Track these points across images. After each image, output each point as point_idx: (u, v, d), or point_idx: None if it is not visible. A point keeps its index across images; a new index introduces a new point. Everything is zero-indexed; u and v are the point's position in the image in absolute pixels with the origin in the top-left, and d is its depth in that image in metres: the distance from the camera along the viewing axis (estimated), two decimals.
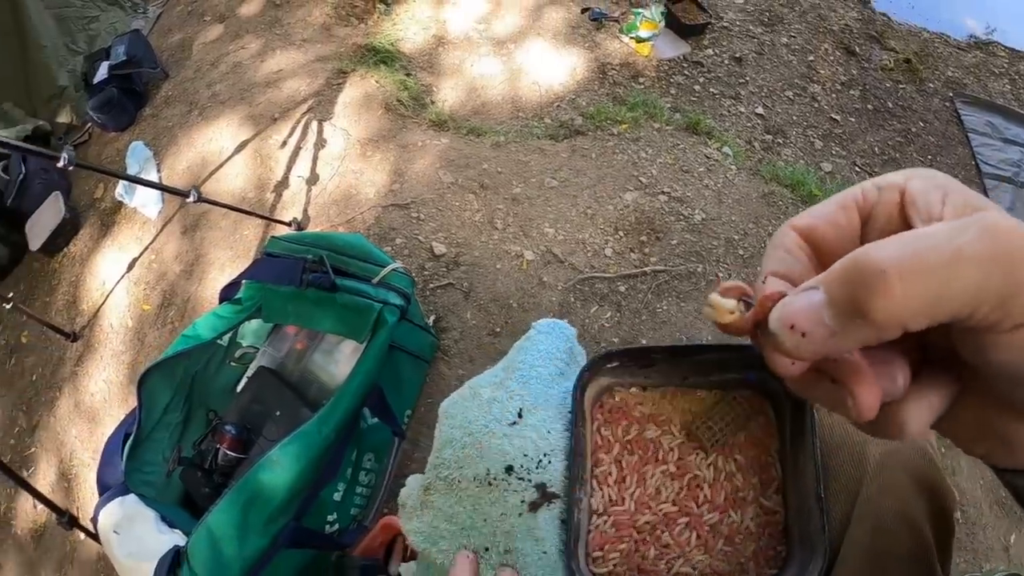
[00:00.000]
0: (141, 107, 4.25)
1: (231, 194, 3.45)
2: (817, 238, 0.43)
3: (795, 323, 0.35)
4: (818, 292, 0.35)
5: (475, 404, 1.20)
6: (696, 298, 2.96)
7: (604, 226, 3.12)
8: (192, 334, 2.24)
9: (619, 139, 3.54)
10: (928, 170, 0.40)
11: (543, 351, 1.25)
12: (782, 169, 3.62)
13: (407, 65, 4.10)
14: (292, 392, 2.30)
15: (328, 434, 1.95)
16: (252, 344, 2.52)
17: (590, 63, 4.17)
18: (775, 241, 0.44)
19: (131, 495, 1.95)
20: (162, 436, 2.28)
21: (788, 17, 4.70)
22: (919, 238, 0.32)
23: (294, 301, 2.22)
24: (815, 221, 0.43)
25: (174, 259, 3.38)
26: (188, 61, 4.40)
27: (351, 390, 2.05)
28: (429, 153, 3.40)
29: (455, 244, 3.00)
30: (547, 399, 1.16)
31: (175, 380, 2.34)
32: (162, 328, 3.22)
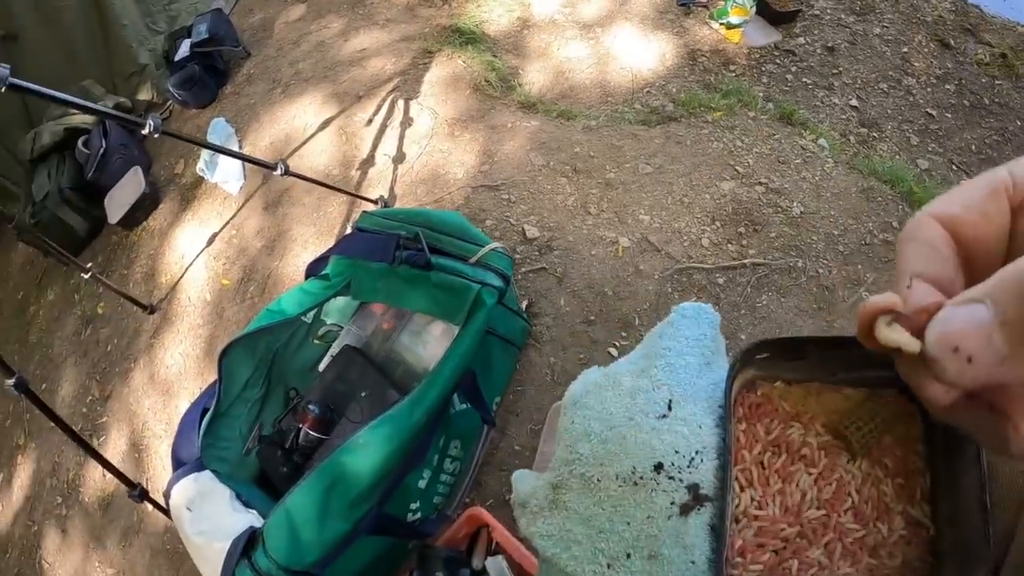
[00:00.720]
0: (222, 85, 4.19)
1: (315, 171, 3.33)
2: (963, 232, 0.37)
3: (960, 345, 0.30)
4: (984, 308, 0.30)
5: (615, 394, 1.07)
6: (796, 294, 2.78)
7: (701, 215, 2.93)
8: (277, 309, 2.13)
9: (714, 127, 3.35)
10: None
11: (689, 337, 1.12)
12: (880, 164, 3.40)
13: (492, 47, 3.94)
14: (378, 373, 2.17)
15: (419, 418, 1.82)
16: (336, 322, 2.40)
17: (679, 49, 3.97)
18: (913, 233, 0.38)
19: (206, 471, 1.84)
20: (240, 412, 2.17)
21: (880, 7, 4.45)
22: None
23: (385, 278, 2.09)
24: (961, 212, 0.37)
25: (255, 234, 3.29)
26: (270, 40, 4.32)
27: (445, 374, 1.91)
28: (519, 135, 3.24)
29: (548, 228, 2.85)
30: (695, 390, 1.04)
31: (256, 355, 2.22)
32: (241, 303, 3.13)
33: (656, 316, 2.60)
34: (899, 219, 3.08)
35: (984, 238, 0.36)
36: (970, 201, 0.36)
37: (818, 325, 2.69)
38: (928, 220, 0.37)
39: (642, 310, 2.63)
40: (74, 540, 3.04)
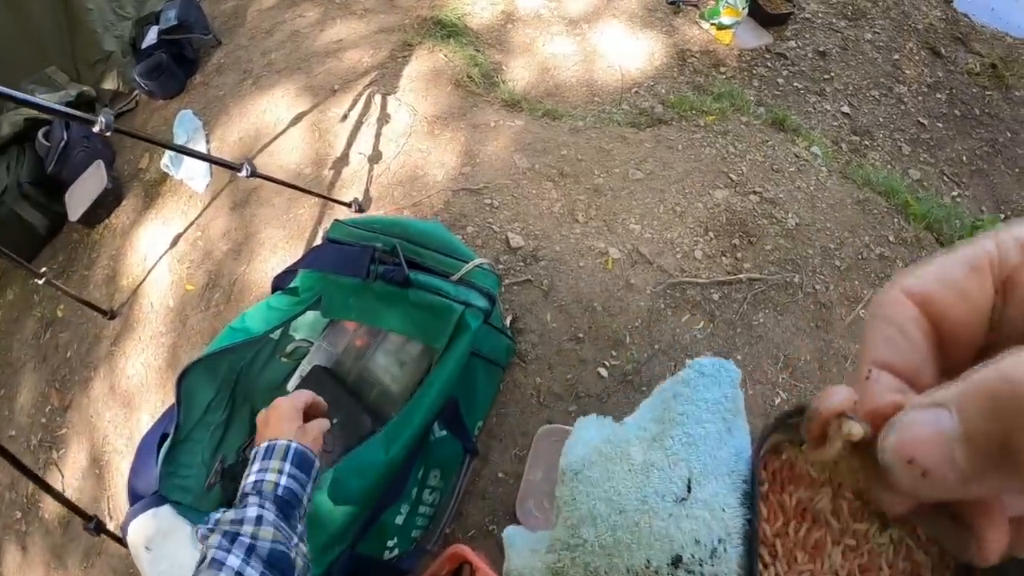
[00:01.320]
0: (191, 75, 3.94)
1: (286, 169, 3.10)
2: (938, 312, 0.33)
3: (916, 457, 0.27)
4: (948, 416, 0.26)
5: (625, 469, 0.93)
6: (794, 311, 2.60)
7: (694, 225, 2.75)
8: (240, 327, 1.93)
9: (706, 131, 3.17)
10: None
11: (708, 400, 0.97)
12: (874, 174, 3.25)
13: (475, 41, 3.73)
14: (351, 397, 1.95)
15: (396, 454, 1.62)
16: (306, 338, 2.19)
17: (668, 49, 3.79)
18: (883, 311, 0.34)
19: (165, 506, 1.63)
20: (202, 436, 1.94)
21: (871, 12, 4.31)
22: None
23: (358, 295, 1.88)
24: (936, 288, 0.33)
25: (221, 237, 3.05)
26: (242, 28, 4.07)
27: (424, 405, 1.73)
28: (503, 135, 3.04)
29: (533, 236, 2.64)
30: (717, 464, 0.89)
31: (218, 376, 2.00)
32: (205, 311, 2.89)
33: (648, 334, 2.42)
34: (895, 232, 2.95)
35: (962, 320, 0.33)
36: (948, 277, 0.33)
37: (816, 345, 2.54)
38: (900, 297, 0.33)
39: (634, 327, 2.43)
40: (35, 558, 2.83)
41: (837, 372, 2.50)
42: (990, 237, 0.32)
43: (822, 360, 2.51)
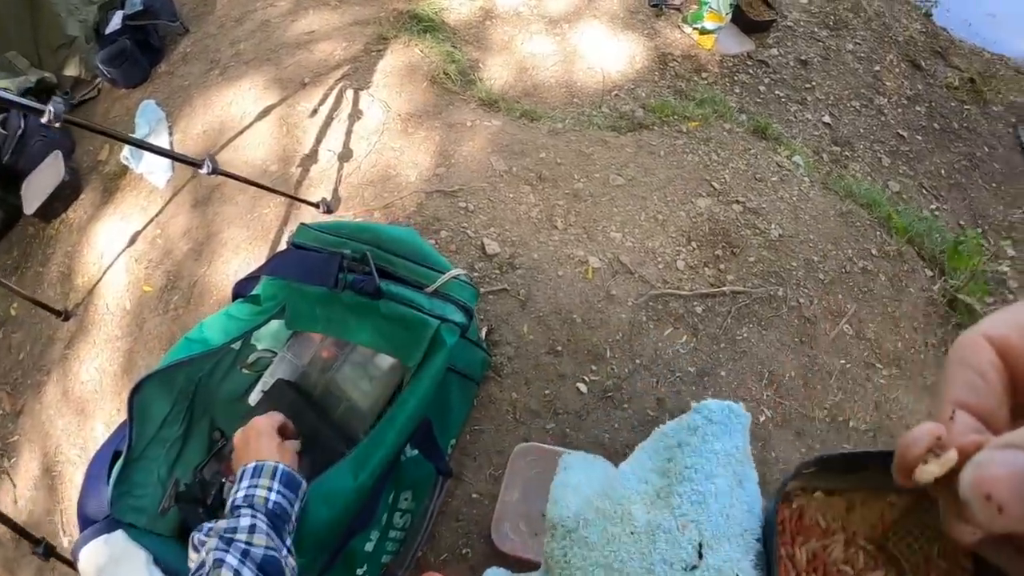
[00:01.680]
0: (156, 63, 3.77)
1: (251, 166, 2.94)
2: (1015, 357, 0.34)
3: (992, 493, 0.28)
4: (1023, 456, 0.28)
5: (626, 531, 0.83)
6: (778, 326, 2.51)
7: (676, 235, 2.64)
8: (198, 337, 1.77)
9: (689, 138, 3.07)
10: None
11: (719, 452, 0.90)
12: (856, 186, 3.19)
13: (452, 37, 3.60)
14: (316, 414, 1.79)
15: (365, 481, 1.49)
16: (269, 348, 2.02)
17: (649, 52, 3.70)
18: (963, 354, 0.35)
19: (118, 531, 1.48)
20: (157, 454, 1.78)
21: (853, 23, 4.27)
22: None
23: (325, 306, 1.73)
24: (1014, 334, 0.35)
25: (181, 236, 2.88)
26: (211, 16, 3.91)
27: (396, 428, 1.60)
28: (479, 135, 2.91)
29: (510, 243, 2.51)
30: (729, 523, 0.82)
31: (174, 389, 1.83)
32: (163, 314, 2.73)
33: (629, 348, 2.31)
34: (878, 246, 2.88)
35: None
36: None
37: (801, 360, 2.45)
38: (979, 342, 0.35)
39: (614, 341, 2.31)
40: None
41: (822, 389, 2.42)
42: None
43: (807, 376, 2.43)
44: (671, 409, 2.22)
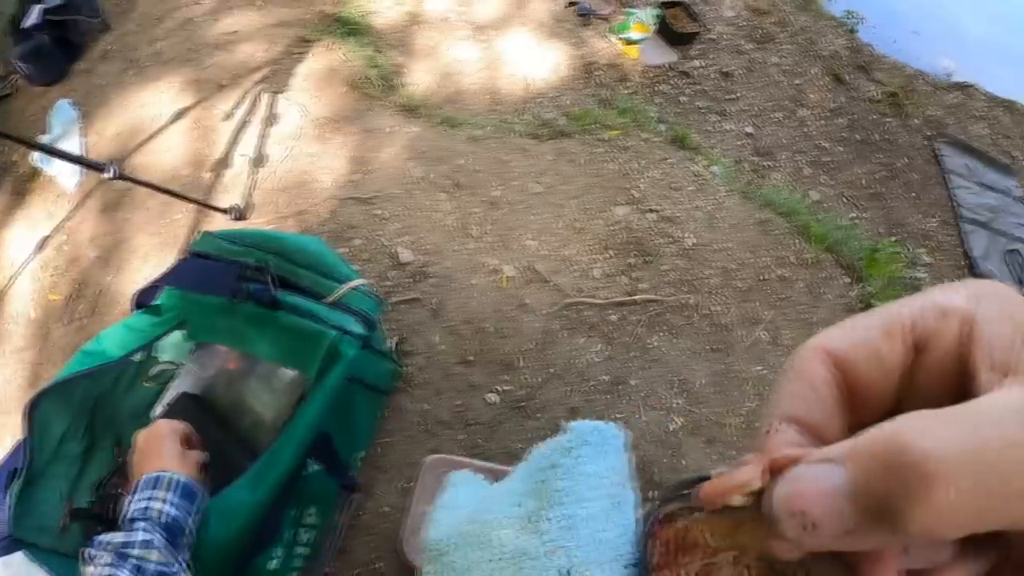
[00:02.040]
0: (75, 60, 3.64)
1: (163, 169, 2.88)
2: (852, 368, 0.33)
3: (803, 510, 0.28)
4: (839, 471, 0.27)
5: (491, 556, 0.81)
6: (690, 334, 2.55)
7: (592, 243, 2.67)
8: (96, 350, 1.72)
9: (608, 146, 3.11)
10: (995, 289, 0.31)
11: (592, 475, 0.87)
12: (775, 195, 3.27)
13: (376, 41, 3.59)
14: (219, 428, 1.75)
15: (263, 497, 1.46)
16: (172, 359, 1.95)
17: (575, 60, 3.75)
18: (798, 366, 0.34)
19: (18, 553, 1.44)
20: (59, 471, 1.71)
21: (779, 37, 4.39)
22: (981, 425, 0.25)
23: (226, 316, 1.69)
24: (853, 348, 0.33)
25: (89, 242, 2.80)
26: (133, 13, 3.80)
27: (293, 443, 1.57)
28: (397, 141, 2.90)
29: (423, 251, 2.51)
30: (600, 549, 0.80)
31: (73, 403, 1.77)
32: (68, 324, 2.65)
33: (542, 357, 2.33)
34: (795, 254, 2.95)
35: (873, 381, 0.33)
36: (863, 339, 0.33)
37: (713, 368, 2.50)
38: (814, 354, 0.34)
39: (527, 350, 2.33)
40: None
41: (738, 395, 2.46)
42: (911, 301, 0.33)
43: (720, 383, 2.47)
44: (584, 417, 2.22)
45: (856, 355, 0.33)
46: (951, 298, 0.32)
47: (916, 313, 0.32)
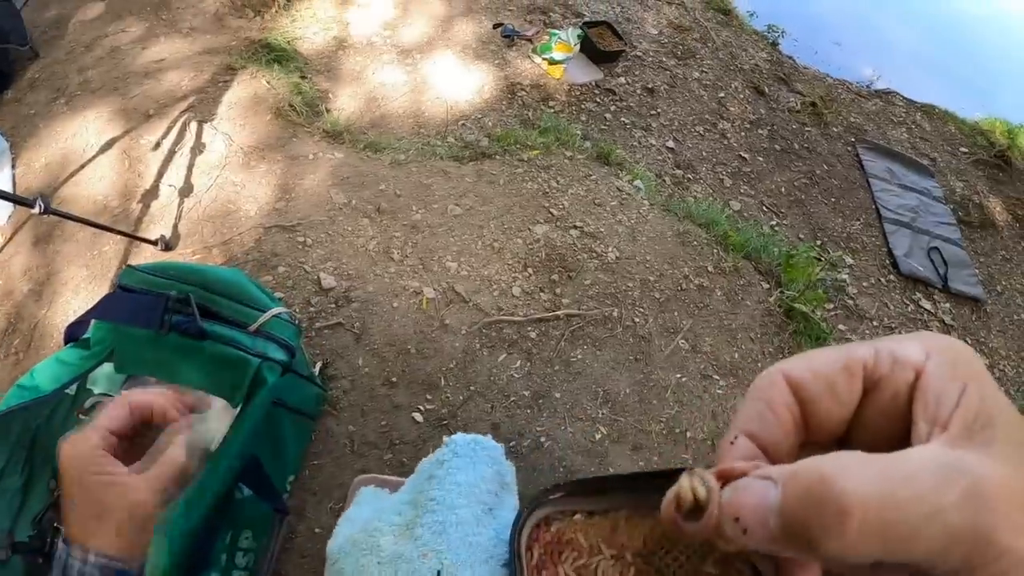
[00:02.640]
0: (3, 89, 3.65)
1: (93, 201, 2.94)
2: (808, 396, 0.37)
3: (740, 516, 0.33)
4: (775, 491, 0.31)
5: (373, 560, 0.89)
6: (612, 345, 2.69)
7: (512, 262, 2.79)
8: (29, 384, 1.77)
9: (529, 166, 3.24)
10: (950, 346, 0.35)
11: (462, 484, 0.94)
12: (695, 207, 3.42)
13: (303, 67, 3.67)
14: None
15: (194, 524, 1.53)
16: (106, 392, 2.02)
17: (499, 81, 3.87)
18: (760, 388, 0.39)
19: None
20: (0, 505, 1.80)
21: (701, 52, 4.58)
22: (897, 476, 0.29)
23: (153, 348, 1.75)
24: (811, 378, 0.37)
25: (22, 275, 2.84)
26: (62, 41, 3.83)
27: (222, 468, 1.62)
28: (321, 168, 2.99)
29: (346, 276, 2.60)
30: (472, 551, 0.86)
31: (10, 438, 1.82)
32: (4, 359, 2.68)
33: (463, 376, 2.44)
34: (714, 263, 3.10)
35: (827, 411, 0.37)
36: (822, 371, 0.37)
37: (635, 378, 2.63)
38: (776, 379, 0.38)
39: (448, 369, 2.44)
40: None
41: (658, 403, 2.59)
42: (869, 345, 0.37)
43: (642, 392, 2.59)
44: (506, 433, 2.34)
45: (814, 384, 0.37)
46: (906, 348, 0.36)
47: (872, 356, 0.36)
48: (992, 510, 0.28)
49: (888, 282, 3.86)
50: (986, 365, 3.53)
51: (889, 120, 4.95)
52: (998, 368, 3.73)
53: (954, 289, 3.93)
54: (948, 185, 4.64)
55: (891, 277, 3.90)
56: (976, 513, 0.28)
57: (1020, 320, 4.00)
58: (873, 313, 3.64)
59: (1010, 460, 0.30)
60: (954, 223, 4.36)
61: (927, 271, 3.96)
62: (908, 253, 4.02)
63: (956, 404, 0.33)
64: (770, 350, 2.98)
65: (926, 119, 5.15)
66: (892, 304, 3.75)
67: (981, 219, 4.49)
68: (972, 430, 0.32)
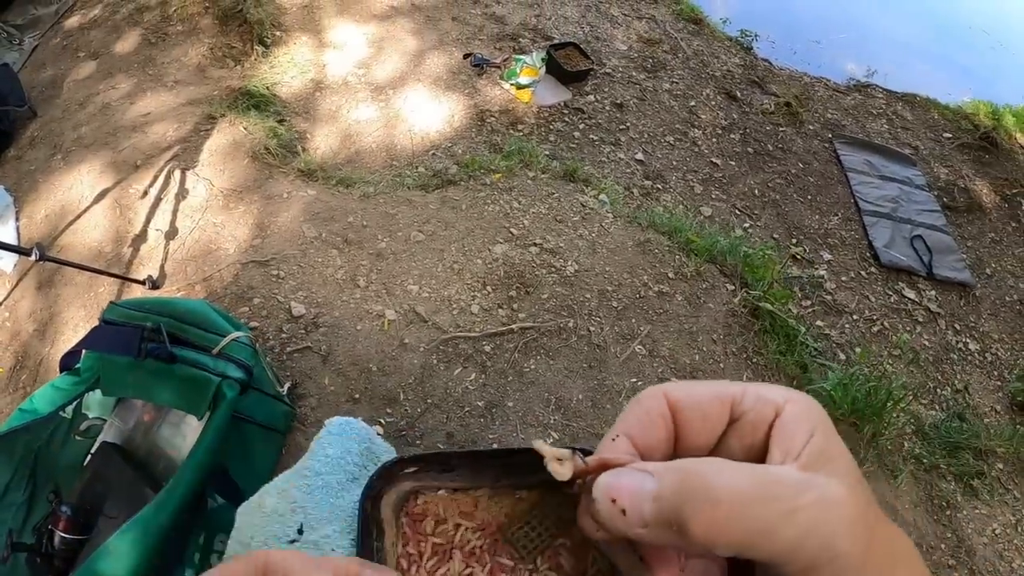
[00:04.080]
0: (5, 148, 4.01)
1: (88, 247, 3.30)
2: (683, 417, 0.43)
3: (617, 498, 0.37)
4: (651, 481, 0.37)
5: (259, 515, 1.02)
6: (566, 355, 2.95)
7: (472, 281, 3.08)
8: (29, 408, 2.14)
9: (491, 189, 3.53)
10: (805, 398, 0.41)
11: (331, 456, 1.07)
12: (659, 216, 3.66)
13: (282, 110, 4.02)
14: (134, 470, 2.16)
15: (166, 520, 1.85)
16: (99, 415, 2.36)
17: (469, 110, 4.17)
18: (642, 400, 0.44)
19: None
20: (4, 518, 2.13)
21: (671, 63, 4.83)
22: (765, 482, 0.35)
23: (132, 372, 2.11)
24: (688, 401, 0.43)
25: (28, 317, 3.21)
26: (57, 99, 4.21)
27: (189, 472, 1.94)
28: (294, 205, 3.31)
29: (315, 304, 2.92)
30: (333, 511, 1.00)
31: (14, 457, 2.18)
32: (14, 393, 3.03)
33: (421, 390, 2.73)
34: (674, 269, 3.33)
35: (697, 430, 0.43)
36: (697, 398, 0.43)
37: (589, 384, 2.87)
38: (658, 395, 0.43)
39: (407, 384, 2.72)
40: None
41: (612, 408, 2.83)
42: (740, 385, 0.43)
43: (595, 398, 2.85)
44: (460, 441, 2.62)
45: (689, 405, 0.42)
46: (771, 391, 0.41)
47: (741, 392, 0.42)
48: (837, 517, 0.34)
49: (868, 275, 4.05)
50: (978, 350, 3.80)
51: (868, 113, 5.16)
52: (991, 352, 3.90)
53: (939, 276, 4.10)
54: (932, 172, 4.83)
55: (872, 270, 4.09)
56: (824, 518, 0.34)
57: (1012, 302, 4.16)
58: (853, 307, 3.84)
59: (850, 487, 0.36)
60: (938, 209, 4.53)
61: (910, 260, 4.13)
62: (889, 244, 4.20)
63: (807, 441, 0.38)
64: (733, 350, 3.20)
65: (907, 108, 5.35)
66: (874, 296, 3.94)
67: (967, 203, 4.67)
68: (819, 462, 0.37)
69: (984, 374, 3.79)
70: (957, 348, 3.86)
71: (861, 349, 3.62)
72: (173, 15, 4.49)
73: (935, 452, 3.23)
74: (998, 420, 3.59)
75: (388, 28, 4.69)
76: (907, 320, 3.92)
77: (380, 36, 4.63)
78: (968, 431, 3.35)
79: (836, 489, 0.36)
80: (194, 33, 4.42)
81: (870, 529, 0.36)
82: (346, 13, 4.76)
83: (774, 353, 3.26)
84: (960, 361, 3.81)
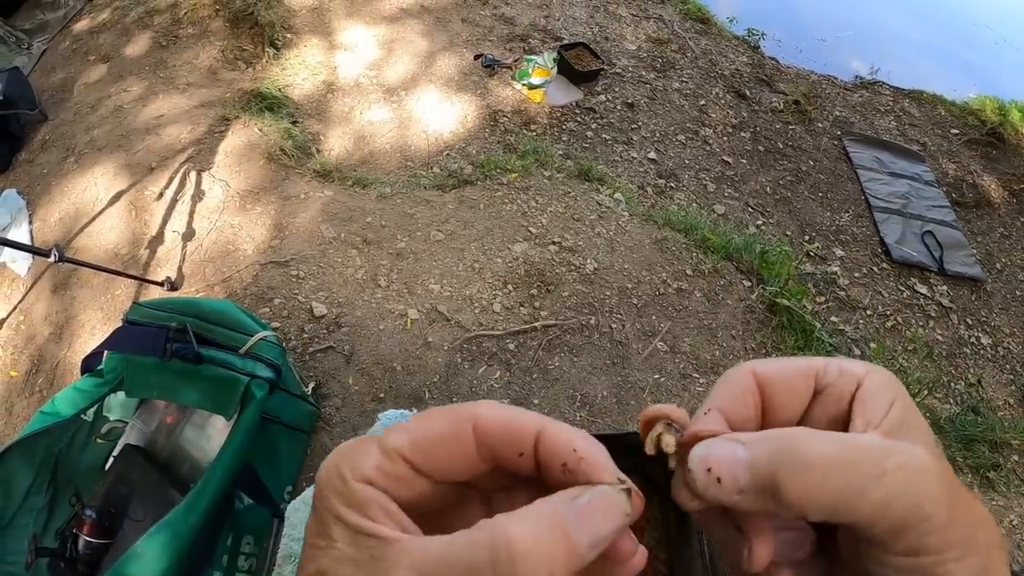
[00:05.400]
0: (17, 151, 3.98)
1: (104, 249, 3.26)
2: (771, 391, 0.44)
3: (712, 467, 0.37)
4: (743, 449, 0.37)
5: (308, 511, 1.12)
6: (589, 351, 2.92)
7: (492, 280, 3.05)
8: (51, 411, 2.08)
9: (508, 188, 3.50)
10: (884, 371, 0.42)
11: None
12: (675, 214, 3.64)
13: (294, 112, 3.99)
14: (159, 472, 2.12)
15: (196, 522, 1.81)
16: (120, 418, 2.33)
17: (481, 110, 4.14)
18: (731, 377, 0.45)
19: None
20: (26, 522, 2.08)
21: (680, 63, 4.81)
22: (854, 447, 0.35)
23: (158, 373, 2.06)
24: (775, 376, 0.44)
25: (43, 320, 3.17)
26: (68, 103, 4.18)
27: (218, 473, 1.90)
28: (311, 206, 3.28)
29: (336, 304, 2.88)
30: None
31: (36, 460, 2.13)
32: (30, 397, 3.00)
33: (446, 388, 2.69)
34: (692, 266, 3.30)
35: (784, 403, 0.43)
36: (784, 373, 0.44)
37: (613, 380, 2.84)
38: (745, 372, 0.44)
39: (432, 383, 2.69)
40: None
41: (636, 404, 2.79)
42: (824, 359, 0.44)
43: (619, 394, 2.81)
44: None
45: (775, 380, 0.43)
46: (852, 365, 0.42)
47: (823, 366, 0.43)
48: (922, 480, 0.35)
49: (881, 270, 4.02)
50: (990, 344, 3.78)
51: (876, 110, 5.13)
52: (1003, 346, 3.87)
53: (951, 271, 4.06)
54: (940, 168, 4.80)
55: (884, 265, 4.05)
56: (910, 480, 0.34)
57: (1023, 296, 4.14)
58: (867, 303, 3.80)
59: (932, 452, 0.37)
60: (947, 205, 4.50)
61: (921, 256, 4.11)
62: (900, 240, 4.17)
63: (887, 411, 0.39)
64: (752, 345, 3.18)
65: (914, 105, 5.33)
66: (886, 292, 3.91)
67: (976, 199, 4.64)
68: (900, 431, 0.38)
69: (997, 368, 3.76)
70: (970, 342, 3.83)
71: (876, 344, 3.59)
72: (184, 18, 4.46)
73: (951, 445, 3.21)
74: (1012, 413, 3.56)
75: (398, 30, 4.67)
76: (920, 315, 3.89)
77: (390, 38, 4.60)
78: (983, 424, 3.33)
79: (920, 454, 0.36)
80: (205, 36, 4.40)
81: (953, 493, 0.36)
82: (356, 15, 4.73)
83: (792, 348, 3.24)
84: (973, 355, 3.78)
